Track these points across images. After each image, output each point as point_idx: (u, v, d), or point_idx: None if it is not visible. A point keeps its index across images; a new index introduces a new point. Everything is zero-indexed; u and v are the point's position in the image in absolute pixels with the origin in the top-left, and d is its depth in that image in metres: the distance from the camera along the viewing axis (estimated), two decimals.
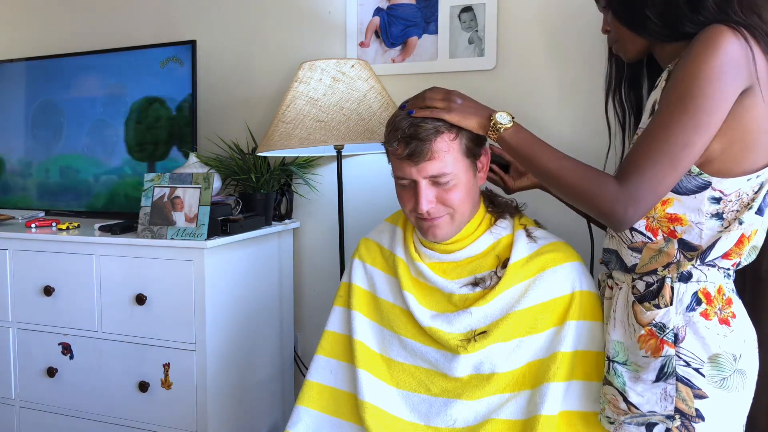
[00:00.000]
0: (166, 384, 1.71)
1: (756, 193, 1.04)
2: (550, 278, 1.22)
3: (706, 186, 1.02)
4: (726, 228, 1.04)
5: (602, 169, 1.40)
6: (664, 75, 1.08)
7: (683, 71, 0.99)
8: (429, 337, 1.25)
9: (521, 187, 1.39)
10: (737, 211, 1.03)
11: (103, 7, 2.29)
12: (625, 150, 1.32)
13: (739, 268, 1.10)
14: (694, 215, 1.04)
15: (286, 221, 1.99)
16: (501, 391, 1.21)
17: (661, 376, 1.05)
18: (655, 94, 1.08)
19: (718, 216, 1.03)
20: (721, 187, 1.02)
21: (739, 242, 1.05)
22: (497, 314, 1.22)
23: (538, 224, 1.33)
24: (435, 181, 1.19)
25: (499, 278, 1.23)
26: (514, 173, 1.39)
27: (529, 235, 1.27)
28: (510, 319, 1.21)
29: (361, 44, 1.90)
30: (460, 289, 1.25)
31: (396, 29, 1.86)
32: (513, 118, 1.14)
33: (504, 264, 1.25)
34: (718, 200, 1.03)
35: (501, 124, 1.13)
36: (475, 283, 1.25)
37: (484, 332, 1.21)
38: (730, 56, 0.96)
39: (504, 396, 1.21)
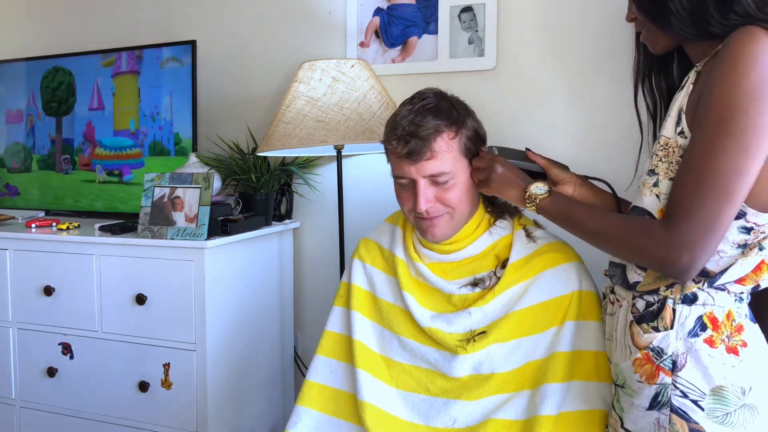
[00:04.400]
0: (166, 384, 1.71)
1: None
2: (549, 278, 1.22)
3: (740, 216, 0.92)
4: (743, 254, 0.95)
5: (634, 167, 1.30)
6: (692, 76, 0.98)
7: (718, 88, 0.88)
8: (428, 337, 1.25)
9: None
10: (763, 239, 0.95)
11: (103, 7, 2.29)
12: (645, 144, 1.23)
13: (757, 291, 1.00)
14: (720, 243, 0.93)
15: (286, 221, 1.99)
16: (500, 391, 1.21)
17: (655, 404, 0.98)
18: (681, 100, 0.98)
19: (744, 246, 0.95)
20: (756, 220, 0.93)
21: (758, 268, 0.96)
22: (496, 314, 1.22)
23: (537, 224, 1.33)
24: (434, 180, 1.19)
25: (499, 278, 1.23)
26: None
27: (528, 235, 1.27)
28: (509, 319, 1.21)
29: (361, 44, 1.90)
30: (459, 290, 1.25)
31: (396, 29, 1.86)
32: (549, 187, 1.12)
33: (503, 264, 1.25)
34: (748, 230, 0.93)
35: (536, 195, 1.11)
36: (474, 284, 1.25)
37: (483, 332, 1.21)
38: None
39: (503, 396, 1.21)
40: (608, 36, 1.63)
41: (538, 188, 1.12)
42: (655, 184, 1.00)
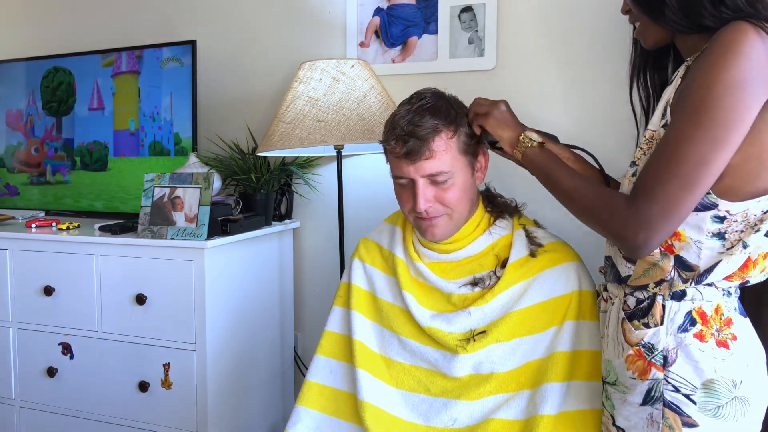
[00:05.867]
0: (166, 384, 1.71)
1: (765, 213, 0.94)
2: (549, 278, 1.22)
3: (712, 207, 0.94)
4: (728, 250, 0.96)
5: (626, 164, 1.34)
6: (681, 71, 1.00)
7: (700, 79, 0.90)
8: (428, 337, 1.25)
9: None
10: (741, 231, 0.95)
11: (103, 7, 2.29)
12: (639, 139, 1.22)
13: (746, 285, 1.02)
14: (694, 233, 0.96)
15: (286, 221, 1.98)
16: (500, 391, 1.21)
17: (648, 400, 0.99)
18: (669, 93, 0.99)
19: (720, 236, 0.95)
20: (729, 208, 0.94)
21: (745, 266, 0.97)
22: (496, 314, 1.22)
23: (537, 224, 1.33)
24: (433, 180, 1.19)
25: (498, 278, 1.23)
26: None
27: (528, 234, 1.27)
28: (509, 318, 1.21)
29: (361, 44, 1.90)
30: (459, 289, 1.25)
31: (396, 29, 1.86)
32: (543, 140, 1.13)
33: (503, 264, 1.25)
34: (721, 219, 0.94)
35: (530, 141, 1.12)
36: (474, 283, 1.25)
37: (483, 332, 1.21)
38: (754, 62, 0.86)
39: (503, 396, 1.21)
40: (608, 36, 1.63)
41: (533, 137, 1.14)
42: (634, 174, 1.01)
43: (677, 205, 0.91)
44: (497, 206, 1.31)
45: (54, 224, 1.94)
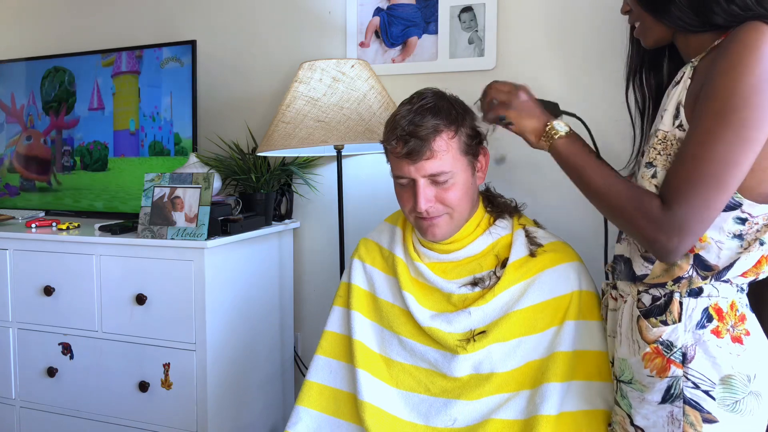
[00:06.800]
0: (166, 384, 1.71)
1: None
2: (549, 278, 1.22)
3: (736, 207, 0.95)
4: (746, 249, 0.97)
5: (625, 164, 1.28)
6: (688, 71, 0.99)
7: (722, 79, 0.89)
8: (428, 337, 1.25)
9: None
10: (758, 231, 0.96)
11: (103, 7, 2.29)
12: (637, 139, 1.23)
13: (755, 281, 1.03)
14: (716, 233, 0.96)
15: (286, 221, 1.98)
16: (500, 391, 1.21)
17: (668, 397, 0.99)
18: (679, 94, 0.98)
19: (740, 237, 0.96)
20: (751, 210, 0.95)
21: (759, 263, 0.99)
22: (496, 314, 1.22)
23: (537, 224, 1.33)
24: (434, 180, 1.19)
25: (498, 278, 1.23)
26: None
27: (528, 235, 1.27)
28: (509, 318, 1.21)
29: (361, 44, 1.90)
30: (459, 289, 1.25)
31: (396, 29, 1.86)
32: (570, 129, 1.08)
33: (503, 264, 1.25)
34: (743, 221, 0.95)
35: (557, 131, 1.06)
36: (474, 283, 1.25)
37: (483, 332, 1.21)
38: None
39: (503, 396, 1.21)
40: (608, 36, 1.63)
41: (560, 126, 1.07)
42: (653, 176, 1.00)
43: (710, 208, 0.91)
44: (497, 206, 1.31)
45: (54, 224, 1.94)
